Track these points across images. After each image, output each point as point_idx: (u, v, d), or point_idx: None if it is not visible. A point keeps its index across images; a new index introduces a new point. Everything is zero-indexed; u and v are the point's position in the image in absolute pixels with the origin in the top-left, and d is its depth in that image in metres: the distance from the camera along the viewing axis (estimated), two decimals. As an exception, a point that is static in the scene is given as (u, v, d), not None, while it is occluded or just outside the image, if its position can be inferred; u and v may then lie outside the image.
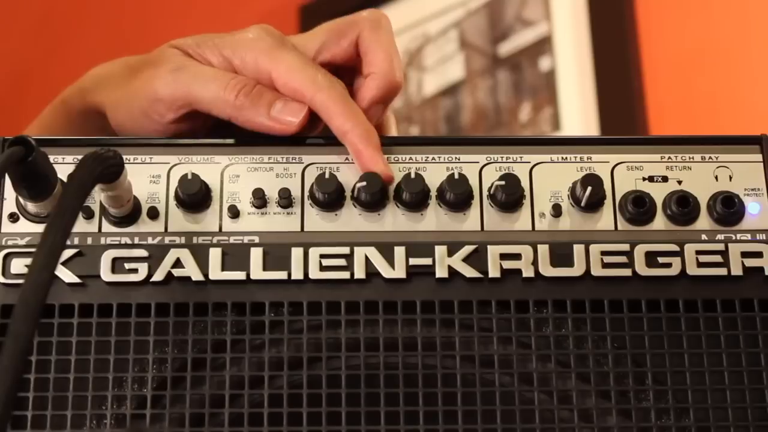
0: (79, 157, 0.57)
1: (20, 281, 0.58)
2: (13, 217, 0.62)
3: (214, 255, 0.61)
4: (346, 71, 0.68)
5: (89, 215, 0.62)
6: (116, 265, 0.61)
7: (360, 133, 0.62)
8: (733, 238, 0.63)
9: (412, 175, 0.62)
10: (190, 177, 0.62)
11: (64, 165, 0.62)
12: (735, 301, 0.61)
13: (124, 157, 0.59)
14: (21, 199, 0.61)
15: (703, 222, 0.63)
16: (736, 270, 0.62)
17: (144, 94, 0.66)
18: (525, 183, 0.63)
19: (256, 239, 0.62)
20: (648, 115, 1.63)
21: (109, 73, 0.71)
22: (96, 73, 0.73)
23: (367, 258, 0.61)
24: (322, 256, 0.61)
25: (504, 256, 0.62)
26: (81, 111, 0.72)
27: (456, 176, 0.62)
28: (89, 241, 0.62)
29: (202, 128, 0.67)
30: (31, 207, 0.61)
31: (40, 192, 0.59)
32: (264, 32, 0.66)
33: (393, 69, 0.66)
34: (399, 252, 0.62)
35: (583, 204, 0.62)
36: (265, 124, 0.64)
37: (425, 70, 1.90)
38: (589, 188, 0.62)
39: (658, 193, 0.63)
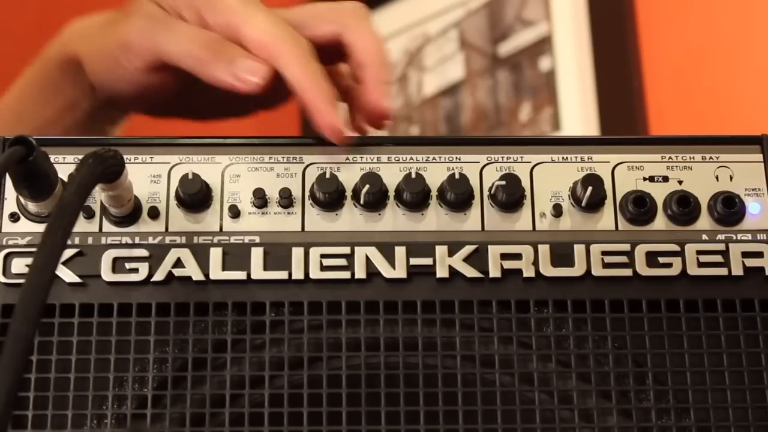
0: (80, 156, 0.57)
1: (21, 281, 0.58)
2: (14, 217, 0.62)
3: (215, 255, 0.61)
4: (324, 55, 0.68)
5: (90, 215, 0.62)
6: (117, 264, 0.61)
7: (318, 90, 0.63)
8: (734, 238, 0.63)
9: (413, 175, 0.62)
10: (190, 177, 0.62)
11: (64, 165, 0.62)
12: (735, 301, 0.61)
13: (125, 156, 0.59)
14: (21, 199, 0.61)
15: (704, 222, 0.63)
16: (737, 270, 0.62)
17: (115, 40, 0.67)
18: (525, 183, 0.63)
19: (257, 239, 0.62)
20: (648, 115, 1.63)
21: (88, 26, 0.72)
22: (75, 26, 0.74)
23: (367, 258, 0.61)
24: (323, 256, 0.61)
25: (504, 256, 0.62)
26: (59, 63, 0.73)
27: (456, 176, 0.62)
28: (90, 240, 0.62)
29: (174, 85, 0.68)
30: (31, 207, 0.61)
31: (41, 192, 0.59)
32: None
33: (382, 53, 0.67)
34: (399, 252, 0.62)
35: (583, 204, 0.62)
36: (226, 80, 0.64)
37: (425, 70, 1.90)
38: (590, 188, 0.62)
39: (659, 193, 0.63)
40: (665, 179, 0.64)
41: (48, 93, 0.74)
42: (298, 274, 0.61)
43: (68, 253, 0.61)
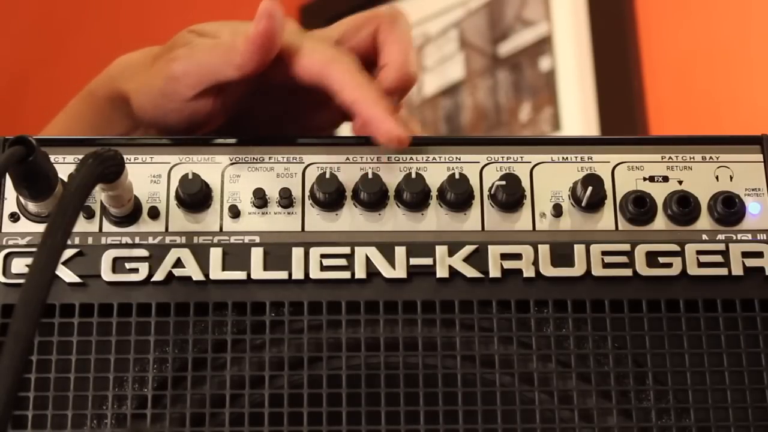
0: (80, 156, 0.57)
1: (21, 281, 0.58)
2: (14, 217, 0.62)
3: (215, 255, 0.61)
4: (364, 65, 0.68)
5: (90, 215, 0.62)
6: (117, 264, 0.61)
7: (369, 99, 0.62)
8: (734, 238, 0.63)
9: (413, 175, 0.62)
10: (190, 177, 0.62)
11: (64, 165, 0.62)
12: (735, 301, 0.61)
13: (125, 156, 0.59)
14: (22, 199, 0.61)
15: (704, 222, 0.63)
16: (737, 270, 0.62)
17: (161, 75, 0.66)
18: (526, 183, 0.63)
19: (257, 239, 0.62)
20: (648, 115, 1.63)
21: (134, 61, 0.72)
22: (122, 61, 0.73)
23: (367, 258, 0.61)
24: (323, 256, 0.61)
25: (505, 256, 0.62)
26: (108, 98, 0.73)
27: (456, 176, 0.62)
28: (90, 240, 0.62)
29: (222, 109, 0.67)
30: (31, 207, 0.61)
31: (41, 192, 0.59)
32: None
33: (407, 61, 0.66)
34: (400, 252, 0.62)
35: (583, 204, 0.62)
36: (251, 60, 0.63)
37: (425, 70, 1.91)
38: (590, 188, 0.62)
39: (659, 193, 0.63)
40: (665, 179, 0.64)
41: (100, 128, 0.73)
42: (298, 274, 0.61)
43: (68, 253, 0.61)
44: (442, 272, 0.61)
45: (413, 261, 0.61)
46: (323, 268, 0.61)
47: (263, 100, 0.69)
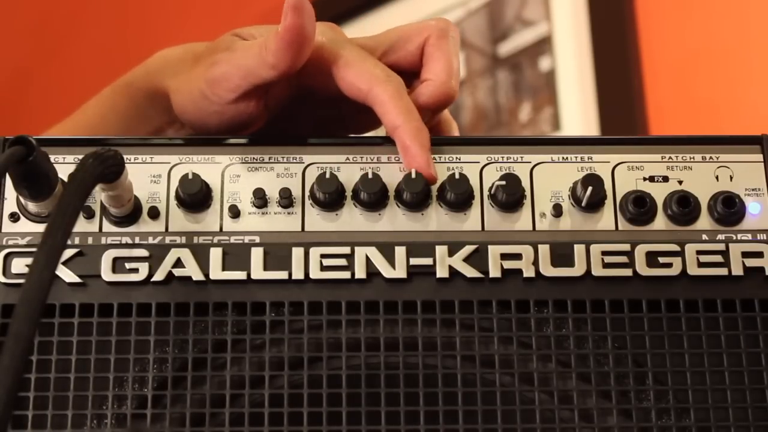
0: (80, 156, 0.57)
1: (21, 281, 0.58)
2: (14, 217, 0.62)
3: (215, 255, 0.61)
4: (409, 76, 0.68)
5: (90, 215, 0.62)
6: (117, 264, 0.61)
7: (410, 130, 0.62)
8: (734, 238, 0.63)
9: (413, 175, 0.62)
10: (190, 177, 0.62)
11: (64, 165, 0.62)
12: (735, 301, 0.61)
13: (125, 156, 0.59)
14: (22, 199, 0.61)
15: (704, 222, 0.63)
16: (737, 270, 0.62)
17: (202, 78, 0.66)
18: (526, 183, 0.63)
19: (257, 239, 0.62)
20: (648, 115, 1.63)
21: (175, 58, 0.71)
22: (163, 55, 0.73)
23: (367, 258, 0.61)
24: (323, 256, 0.61)
25: (505, 256, 0.62)
26: (147, 92, 0.72)
27: (457, 176, 0.62)
28: (90, 240, 0.62)
29: (264, 111, 0.67)
30: (31, 207, 0.61)
31: (41, 192, 0.59)
32: (327, 29, 0.66)
33: (449, 79, 0.66)
34: (400, 252, 0.62)
35: (583, 204, 0.62)
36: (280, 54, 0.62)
37: (425, 70, 1.90)
38: (590, 188, 0.62)
39: (659, 193, 0.63)
40: (665, 179, 0.64)
41: (134, 120, 0.73)
42: (298, 274, 0.61)
43: (68, 253, 0.61)
44: (442, 272, 0.61)
45: (413, 261, 0.62)
46: (323, 268, 0.61)
47: (309, 104, 0.69)
